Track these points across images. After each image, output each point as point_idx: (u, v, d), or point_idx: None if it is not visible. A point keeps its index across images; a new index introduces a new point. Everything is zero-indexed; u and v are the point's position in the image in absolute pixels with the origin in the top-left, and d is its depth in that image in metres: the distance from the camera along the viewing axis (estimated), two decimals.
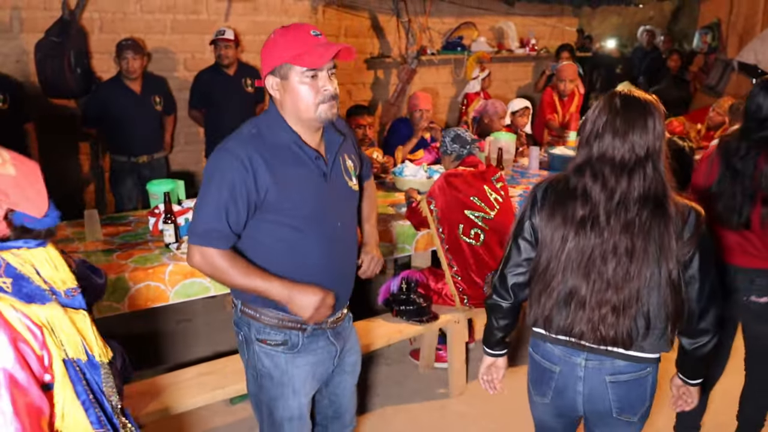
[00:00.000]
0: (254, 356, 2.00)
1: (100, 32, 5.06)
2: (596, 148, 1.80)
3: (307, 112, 1.85)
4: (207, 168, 1.87)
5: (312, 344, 2.01)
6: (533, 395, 2.07)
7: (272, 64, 1.83)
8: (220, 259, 1.84)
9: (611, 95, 1.84)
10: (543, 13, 8.04)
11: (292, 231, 1.89)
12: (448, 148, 3.38)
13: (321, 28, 6.62)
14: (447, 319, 3.35)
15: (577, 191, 1.81)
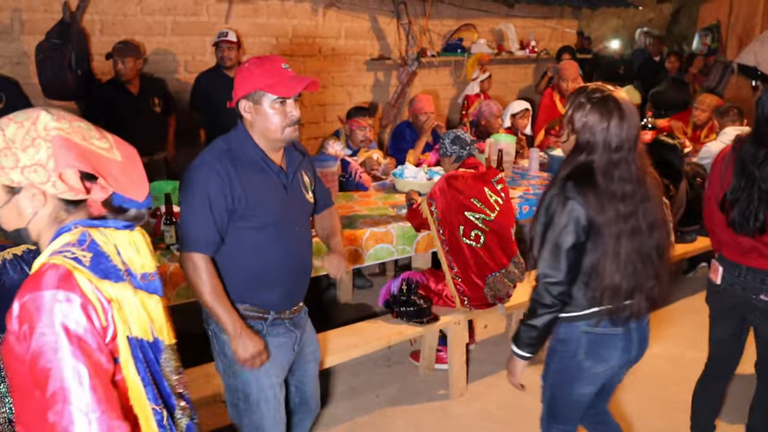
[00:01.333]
0: (224, 345, 2.19)
1: (101, 34, 5.07)
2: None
3: (275, 133, 2.11)
4: (187, 181, 2.09)
5: (273, 331, 2.25)
6: (586, 369, 2.17)
7: (247, 89, 2.08)
8: (205, 265, 2.07)
9: (607, 100, 2.04)
10: (543, 15, 8.06)
11: (257, 234, 2.15)
12: (448, 149, 3.38)
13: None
14: (447, 321, 3.36)
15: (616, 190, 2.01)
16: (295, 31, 6.12)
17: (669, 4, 10.04)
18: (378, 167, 4.48)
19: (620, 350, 2.16)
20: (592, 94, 2.05)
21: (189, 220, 2.08)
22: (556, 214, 2.00)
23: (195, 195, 2.06)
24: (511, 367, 2.23)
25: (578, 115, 2.03)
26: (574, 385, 2.23)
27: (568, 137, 2.10)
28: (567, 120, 2.09)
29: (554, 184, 2.06)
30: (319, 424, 3.22)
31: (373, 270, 5.07)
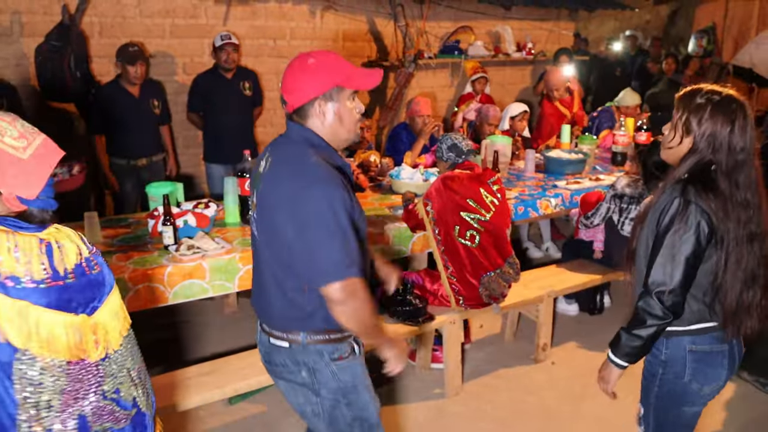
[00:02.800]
0: (333, 379, 2.00)
1: (100, 36, 5.11)
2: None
3: (349, 133, 1.97)
4: (322, 200, 1.79)
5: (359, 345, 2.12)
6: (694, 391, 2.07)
7: (322, 88, 1.87)
8: (362, 289, 1.85)
9: (730, 101, 1.95)
10: (540, 17, 8.09)
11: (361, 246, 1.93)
12: (444, 155, 3.42)
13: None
14: (443, 320, 3.39)
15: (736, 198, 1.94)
16: (293, 33, 6.15)
17: (666, 6, 10.07)
18: (375, 168, 4.51)
19: (726, 368, 2.07)
20: (711, 95, 1.95)
21: (340, 243, 1.79)
22: (676, 219, 1.90)
23: (338, 215, 1.79)
24: (606, 375, 2.10)
25: (698, 116, 1.94)
26: (683, 408, 2.12)
27: (681, 140, 1.99)
28: (682, 123, 1.97)
29: (669, 187, 1.97)
30: None
31: None
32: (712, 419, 3.31)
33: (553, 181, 4.49)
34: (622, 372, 2.08)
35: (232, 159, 4.45)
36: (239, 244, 3.13)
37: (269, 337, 2.02)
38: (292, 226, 1.81)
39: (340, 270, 1.79)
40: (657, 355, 2.09)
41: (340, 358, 2.00)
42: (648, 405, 2.17)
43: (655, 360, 2.10)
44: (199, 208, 3.33)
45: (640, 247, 2.06)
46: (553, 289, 3.82)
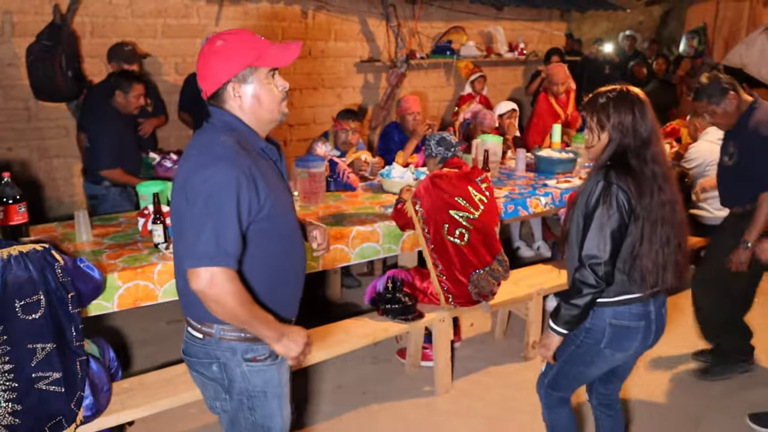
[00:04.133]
0: (243, 379, 1.92)
1: (92, 36, 5.11)
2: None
3: (272, 113, 1.86)
4: (202, 180, 1.72)
5: None
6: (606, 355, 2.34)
7: (233, 70, 1.78)
8: (232, 282, 1.73)
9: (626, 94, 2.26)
10: (531, 18, 8.13)
11: (280, 240, 1.89)
12: (433, 151, 3.44)
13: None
14: (432, 318, 3.40)
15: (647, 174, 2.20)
16: (285, 33, 6.17)
17: (658, 6, 10.12)
18: (366, 168, 4.53)
19: (640, 340, 2.33)
20: (608, 93, 2.27)
21: (214, 229, 1.70)
22: (601, 199, 2.16)
23: (213, 199, 1.70)
24: (548, 342, 2.33)
25: (605, 114, 2.24)
26: (589, 367, 2.41)
27: (598, 137, 2.28)
28: (595, 123, 2.28)
29: (594, 173, 2.24)
30: (305, 421, 3.27)
31: (362, 269, 5.12)
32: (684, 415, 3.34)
33: (544, 180, 4.51)
34: (561, 339, 2.31)
35: None
36: None
37: (187, 326, 1.96)
38: (185, 207, 1.76)
39: (204, 257, 1.70)
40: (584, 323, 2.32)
41: (254, 360, 1.92)
42: (560, 356, 2.41)
43: (581, 325, 2.32)
44: None
45: (572, 227, 2.30)
46: (543, 287, 3.85)
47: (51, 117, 5.12)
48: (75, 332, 2.31)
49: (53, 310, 2.23)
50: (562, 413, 2.58)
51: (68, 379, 2.29)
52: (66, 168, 5.28)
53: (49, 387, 2.25)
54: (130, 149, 4.28)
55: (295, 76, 6.31)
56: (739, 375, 3.69)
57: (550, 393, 2.55)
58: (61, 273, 2.25)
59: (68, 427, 2.34)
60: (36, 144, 5.12)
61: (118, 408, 2.58)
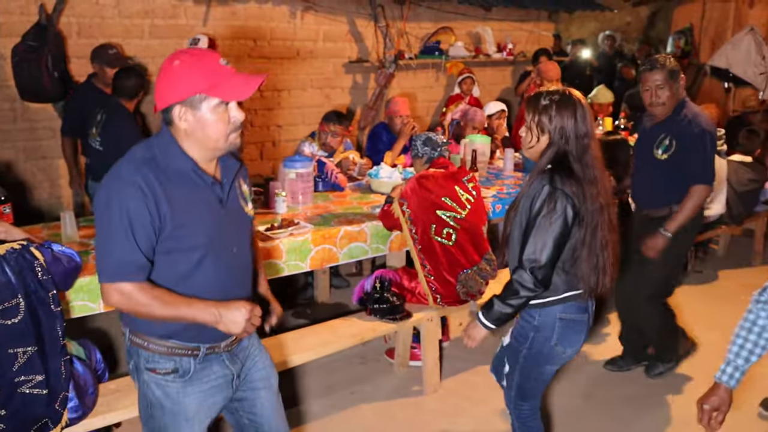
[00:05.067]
0: (144, 385, 1.93)
1: (78, 37, 5.08)
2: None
3: (217, 142, 1.81)
4: (101, 197, 1.76)
5: (205, 370, 1.95)
6: (558, 353, 2.36)
7: (183, 93, 1.74)
8: (140, 293, 1.75)
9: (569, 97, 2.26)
10: (519, 18, 8.15)
11: (186, 257, 1.84)
12: (420, 151, 3.45)
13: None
14: (420, 318, 3.41)
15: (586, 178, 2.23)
16: (273, 33, 6.16)
17: (646, 7, 10.17)
18: (354, 168, 4.53)
19: (584, 335, 2.40)
20: (551, 95, 2.25)
21: (106, 244, 1.75)
22: (545, 204, 2.16)
23: (110, 213, 1.71)
24: (475, 334, 2.38)
25: (547, 115, 2.22)
26: (546, 367, 2.42)
27: (538, 139, 2.26)
28: (535, 124, 2.26)
29: (538, 177, 2.23)
30: (294, 422, 3.26)
31: (350, 269, 5.12)
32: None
33: None
34: (487, 333, 2.36)
35: None
36: None
37: None
38: None
39: (103, 273, 1.75)
40: (530, 321, 2.35)
41: (153, 371, 1.89)
42: (515, 363, 2.43)
43: (528, 325, 2.36)
44: None
45: (514, 230, 2.32)
46: None
47: (37, 118, 5.08)
48: (58, 332, 2.28)
49: (33, 312, 2.20)
50: (534, 426, 2.57)
51: (51, 380, 2.27)
52: (53, 169, 5.24)
53: (33, 390, 2.23)
54: None
55: (283, 76, 6.30)
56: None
57: (520, 405, 2.53)
58: (41, 271, 2.22)
59: (54, 428, 2.32)
60: (22, 145, 5.09)
61: (104, 410, 2.57)
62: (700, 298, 4.73)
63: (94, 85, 4.50)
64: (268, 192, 3.77)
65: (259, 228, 3.29)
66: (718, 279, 5.20)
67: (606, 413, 3.39)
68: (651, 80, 3.24)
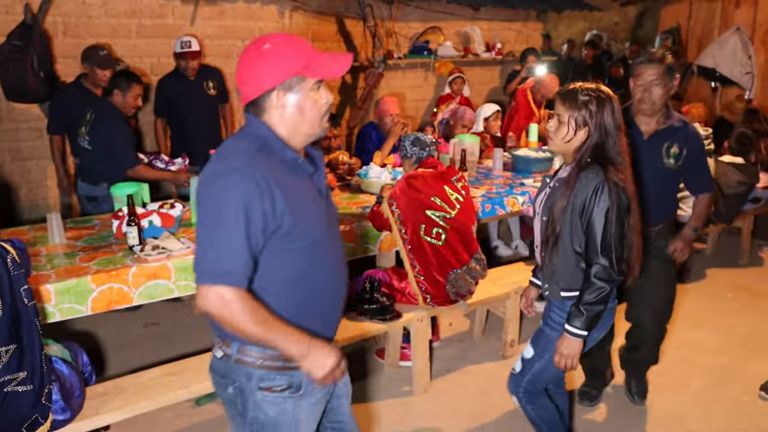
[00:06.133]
0: (255, 407, 1.78)
1: (64, 36, 5.05)
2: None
3: (313, 127, 1.74)
4: (211, 190, 1.61)
5: (311, 383, 1.80)
6: (592, 338, 2.42)
7: (280, 77, 1.66)
8: (240, 302, 1.59)
9: (605, 93, 2.33)
10: (508, 18, 8.18)
11: (303, 256, 1.72)
12: (408, 151, 3.44)
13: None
14: (410, 318, 3.41)
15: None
16: (262, 33, 6.14)
17: (634, 7, 10.22)
18: (343, 167, 4.52)
19: (612, 318, 2.50)
20: (589, 91, 2.31)
21: (212, 243, 1.60)
22: (606, 196, 2.22)
23: (228, 212, 1.58)
24: (572, 351, 2.33)
25: (587, 110, 2.28)
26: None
27: (575, 133, 2.31)
28: (573, 119, 2.30)
29: (584, 172, 2.27)
30: None
31: None
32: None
33: (521, 179, 4.54)
34: (582, 343, 2.33)
35: (200, 159, 4.43)
36: None
37: (214, 344, 1.85)
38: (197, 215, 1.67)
39: (206, 274, 1.59)
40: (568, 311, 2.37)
41: (268, 390, 1.76)
42: (545, 350, 2.45)
43: (564, 315, 2.38)
44: (165, 209, 3.31)
45: (565, 226, 2.32)
46: (520, 286, 3.85)
47: (23, 118, 5.04)
48: (35, 325, 2.27)
49: (10, 310, 2.19)
50: (545, 403, 2.62)
51: (34, 376, 2.26)
52: (39, 170, 5.21)
53: (18, 387, 2.22)
54: (135, 147, 4.28)
55: None
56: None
57: (530, 389, 2.56)
58: (12, 266, 2.21)
59: (44, 423, 2.31)
60: (8, 146, 5.05)
61: (92, 413, 2.55)
62: (688, 297, 4.75)
63: (83, 86, 4.45)
64: None
65: None
66: (706, 277, 5.23)
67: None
68: (646, 74, 2.94)
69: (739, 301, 4.77)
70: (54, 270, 2.78)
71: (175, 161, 4.36)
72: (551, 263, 2.39)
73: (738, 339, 4.14)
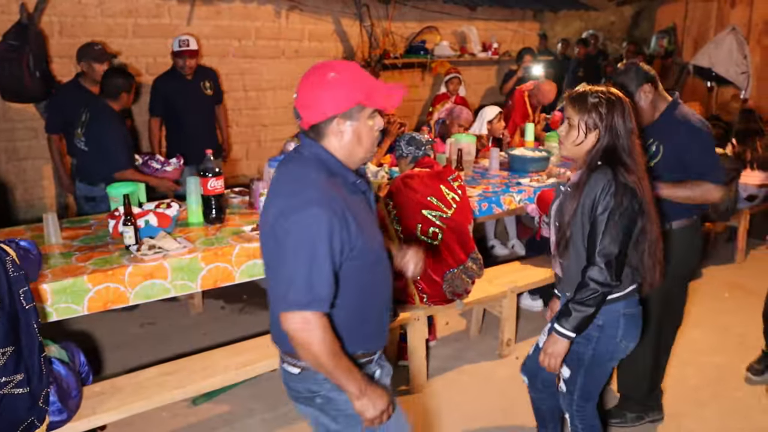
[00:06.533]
0: (347, 406, 1.84)
1: (60, 36, 5.04)
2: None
3: (366, 152, 1.83)
4: (299, 227, 1.68)
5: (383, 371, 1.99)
6: (622, 349, 2.39)
7: (344, 105, 1.74)
8: (322, 328, 1.69)
9: (616, 96, 2.29)
10: (505, 18, 8.19)
11: (368, 272, 1.83)
12: (404, 151, 3.45)
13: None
14: (407, 317, 3.41)
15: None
16: (258, 33, 6.14)
17: (630, 7, 10.25)
18: None
19: (640, 327, 2.43)
20: (599, 94, 2.28)
21: (306, 277, 1.67)
22: (614, 198, 2.19)
23: (313, 245, 1.66)
24: (557, 350, 2.31)
25: (598, 113, 2.25)
26: (610, 364, 2.45)
27: (585, 136, 2.28)
28: (584, 122, 2.27)
29: (594, 174, 2.24)
30: (280, 421, 3.25)
31: None
32: None
33: (517, 179, 4.54)
34: (569, 344, 2.30)
35: (195, 159, 4.43)
36: (202, 244, 3.11)
37: (282, 362, 1.92)
38: (274, 245, 1.74)
39: (295, 301, 1.68)
40: (594, 321, 2.31)
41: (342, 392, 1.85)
42: (579, 366, 2.40)
43: (592, 325, 2.31)
44: (161, 208, 3.31)
45: (576, 229, 2.29)
46: (516, 285, 3.87)
47: (19, 118, 5.04)
48: (34, 328, 2.26)
49: (8, 312, 2.18)
50: (596, 425, 2.56)
51: (31, 378, 2.25)
52: (35, 170, 5.20)
53: (14, 390, 2.21)
54: (131, 149, 4.27)
55: (268, 76, 6.28)
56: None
57: (582, 407, 2.50)
58: (12, 268, 2.20)
59: (40, 426, 2.31)
60: (4, 146, 5.04)
61: (89, 413, 2.55)
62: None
63: (81, 85, 4.45)
64: (252, 192, 3.75)
65: (244, 228, 3.28)
66: (703, 276, 5.25)
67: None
68: None
69: (735, 300, 4.79)
70: (50, 270, 2.77)
71: (170, 161, 4.35)
72: (568, 270, 2.37)
73: (734, 338, 4.16)
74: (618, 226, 2.19)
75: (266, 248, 1.83)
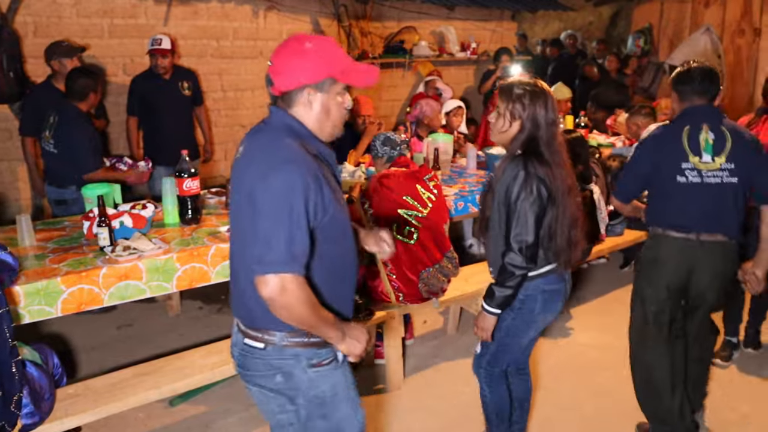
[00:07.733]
0: (311, 386, 1.87)
1: (34, 36, 4.99)
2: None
3: (334, 128, 1.87)
4: (276, 187, 1.67)
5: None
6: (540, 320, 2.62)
7: (316, 76, 1.78)
8: (301, 287, 1.69)
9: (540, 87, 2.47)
10: (483, 18, 8.23)
11: (340, 241, 1.86)
12: (379, 151, 3.47)
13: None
14: (383, 316, 3.43)
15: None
16: (236, 33, 6.13)
17: (608, 7, 10.34)
18: None
19: (561, 301, 2.64)
20: (524, 85, 2.45)
21: (282, 237, 1.66)
22: (522, 188, 2.34)
23: (292, 200, 1.67)
24: (486, 324, 2.53)
25: (521, 103, 2.41)
26: (527, 334, 2.66)
27: (510, 124, 2.44)
28: (509, 111, 2.44)
29: (510, 162, 2.40)
30: (258, 420, 3.26)
31: None
32: None
33: None
34: (495, 319, 2.52)
35: (172, 160, 4.40)
36: (177, 245, 3.11)
37: (244, 337, 1.88)
38: (251, 211, 1.72)
39: (273, 261, 1.65)
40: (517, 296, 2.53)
41: (318, 365, 1.87)
42: (497, 331, 2.60)
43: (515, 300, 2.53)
44: (137, 209, 3.30)
45: (494, 213, 2.49)
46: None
47: None
48: (5, 333, 2.25)
49: None
50: (503, 391, 2.78)
51: (4, 383, 2.24)
52: (10, 172, 5.15)
53: None
54: (100, 151, 4.24)
55: (246, 76, 6.27)
56: None
57: (491, 370, 2.74)
58: None
59: (11, 430, 2.29)
60: None
61: (61, 414, 2.54)
62: None
63: (53, 86, 4.41)
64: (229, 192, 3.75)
65: (221, 229, 3.28)
66: None
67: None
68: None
69: None
70: (23, 272, 2.75)
71: (138, 164, 4.31)
72: (488, 249, 2.59)
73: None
74: (526, 215, 2.35)
75: (238, 220, 1.82)
